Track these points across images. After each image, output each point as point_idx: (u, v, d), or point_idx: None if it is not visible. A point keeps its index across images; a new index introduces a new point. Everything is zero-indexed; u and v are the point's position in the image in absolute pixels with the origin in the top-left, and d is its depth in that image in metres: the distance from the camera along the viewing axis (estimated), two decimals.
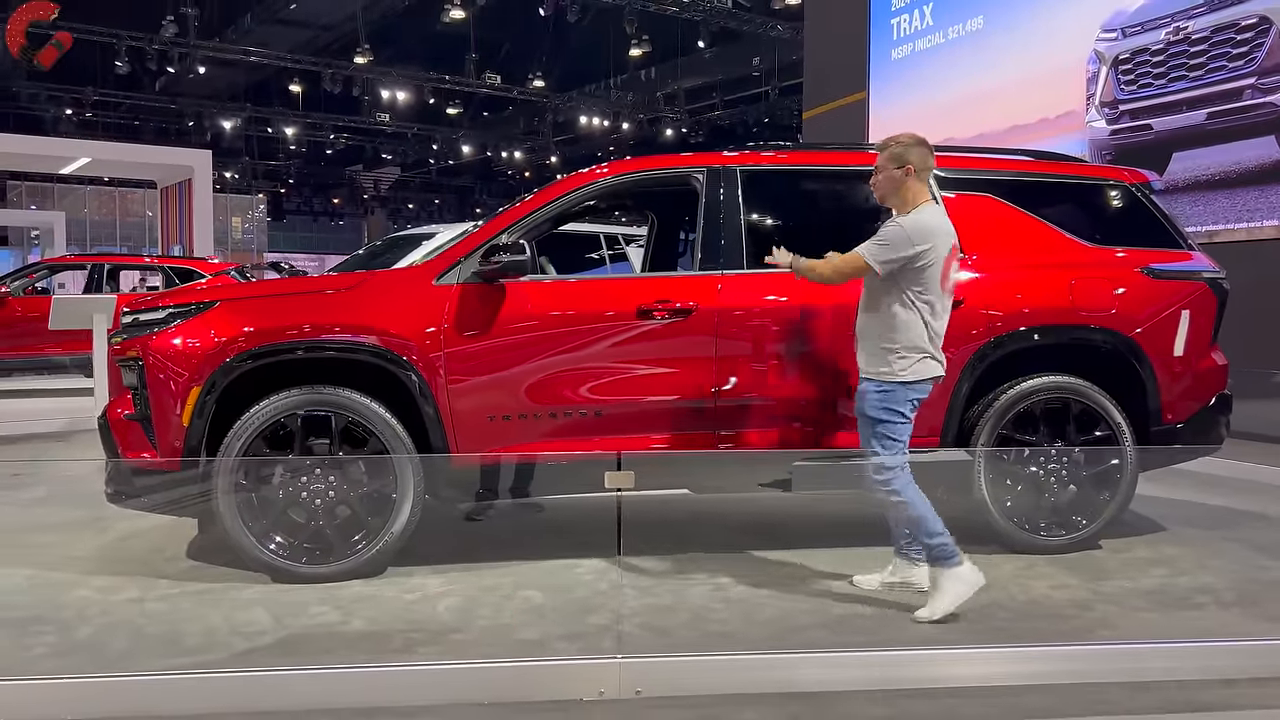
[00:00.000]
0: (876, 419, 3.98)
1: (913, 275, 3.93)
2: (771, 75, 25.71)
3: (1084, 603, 4.15)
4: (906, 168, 3.99)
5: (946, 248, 3.96)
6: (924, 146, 4.06)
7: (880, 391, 3.97)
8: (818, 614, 3.99)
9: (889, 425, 3.97)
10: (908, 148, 4.02)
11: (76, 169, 20.88)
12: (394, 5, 25.51)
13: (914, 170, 3.99)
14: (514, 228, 4.62)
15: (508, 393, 4.45)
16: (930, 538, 3.92)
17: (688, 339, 4.55)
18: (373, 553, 4.35)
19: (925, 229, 3.92)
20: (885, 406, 3.96)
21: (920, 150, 4.03)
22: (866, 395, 4.02)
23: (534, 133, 33.57)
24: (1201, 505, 5.91)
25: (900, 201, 4.04)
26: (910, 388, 3.96)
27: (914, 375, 3.95)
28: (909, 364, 3.94)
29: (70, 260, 14.98)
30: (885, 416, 3.97)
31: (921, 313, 3.94)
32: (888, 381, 3.96)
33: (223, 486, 4.26)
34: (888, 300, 3.97)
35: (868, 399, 4.01)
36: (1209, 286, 5.00)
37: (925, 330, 3.95)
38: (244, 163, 35.89)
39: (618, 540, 3.77)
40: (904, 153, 4.00)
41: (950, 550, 3.90)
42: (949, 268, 4.00)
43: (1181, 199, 9.25)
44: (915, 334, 3.95)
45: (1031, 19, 10.75)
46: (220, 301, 4.48)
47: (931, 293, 3.95)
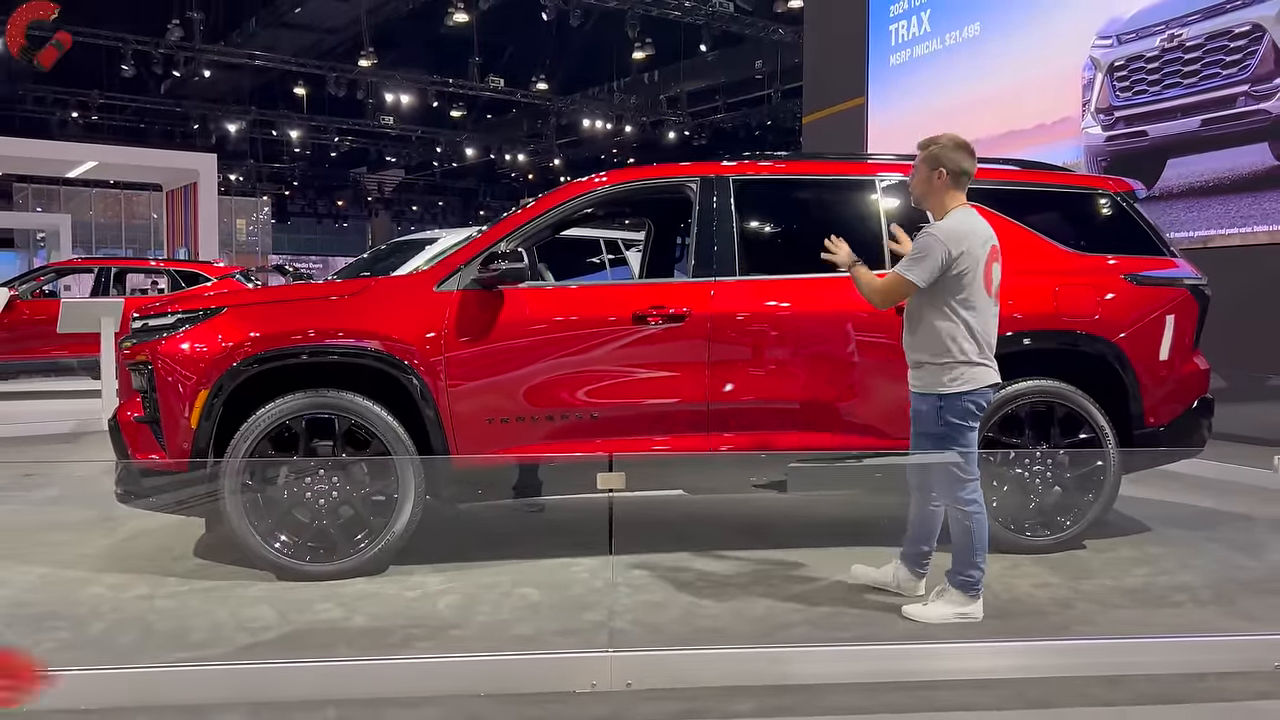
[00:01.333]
0: (940, 434, 3.94)
1: (952, 284, 3.86)
2: (774, 78, 25.82)
3: (1065, 601, 4.27)
4: (939, 171, 3.93)
5: (985, 250, 3.91)
6: (964, 150, 3.95)
7: (938, 409, 3.92)
8: (805, 611, 4.11)
9: (955, 439, 3.92)
10: (945, 149, 3.93)
11: (82, 172, 21.06)
12: (398, 9, 25.66)
13: (947, 175, 3.93)
14: (512, 236, 4.75)
15: (506, 396, 4.58)
16: (972, 567, 3.93)
17: (682, 344, 4.68)
18: (375, 551, 4.48)
19: (957, 234, 3.86)
20: (946, 420, 3.91)
21: (959, 154, 3.93)
22: (923, 415, 3.98)
23: (537, 135, 33.71)
24: (1189, 506, 6.03)
25: (936, 204, 3.99)
26: (964, 398, 3.89)
27: (968, 385, 3.89)
28: (961, 375, 3.89)
29: (77, 263, 15.15)
30: (948, 431, 3.92)
31: (966, 321, 3.88)
32: (944, 395, 3.91)
33: (229, 487, 4.40)
34: (930, 315, 3.92)
35: (924, 418, 3.98)
36: (1191, 293, 5.11)
37: (973, 339, 3.89)
38: (249, 165, 36.09)
39: (609, 539, 3.89)
40: (940, 154, 3.93)
41: (979, 583, 3.95)
42: (990, 270, 3.95)
43: (1176, 205, 9.36)
44: (962, 345, 3.88)
45: (1028, 25, 10.86)
46: (227, 307, 4.61)
47: (976, 299, 3.89)
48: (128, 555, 4.94)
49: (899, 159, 5.14)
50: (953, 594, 3.96)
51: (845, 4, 12.93)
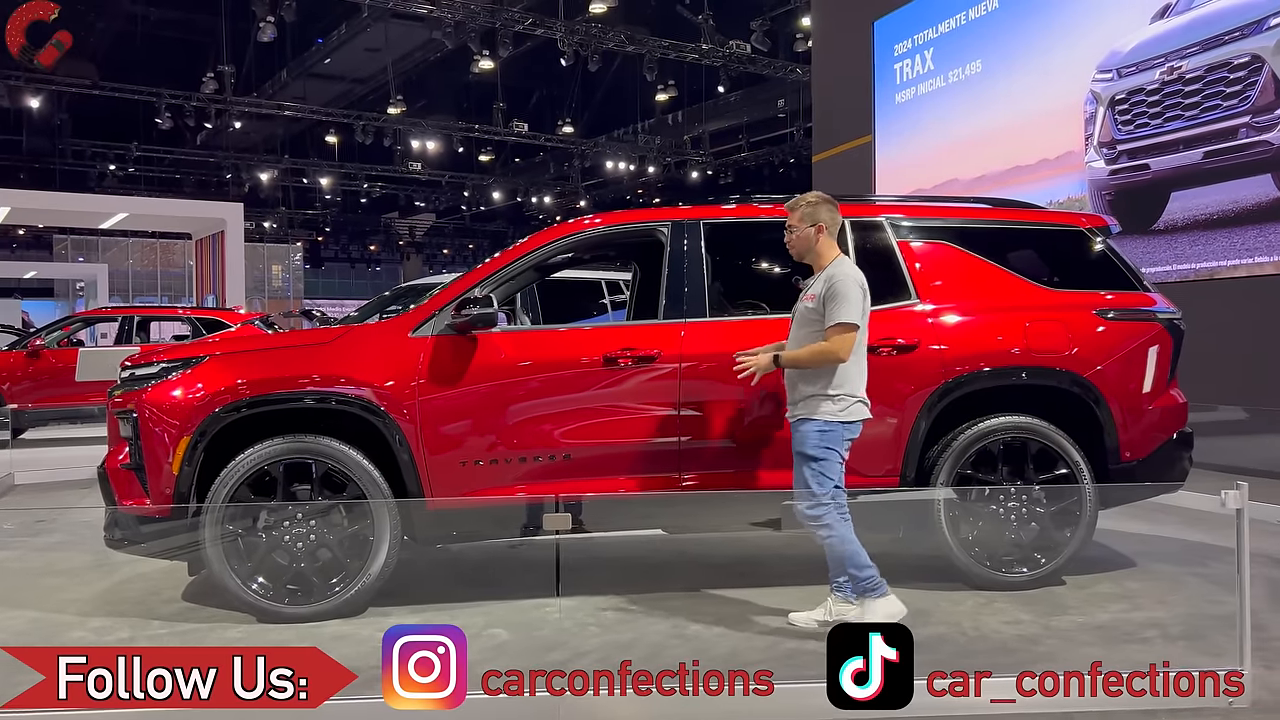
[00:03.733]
0: (815, 457, 4.20)
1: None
2: (795, 116, 26.05)
3: (1033, 638, 4.26)
4: (818, 226, 4.30)
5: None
6: (831, 204, 4.36)
7: (821, 431, 4.19)
8: (769, 650, 4.14)
9: (826, 464, 4.20)
10: (816, 206, 4.32)
11: (114, 224, 21.62)
12: (425, 57, 26.27)
13: (825, 228, 4.30)
14: (486, 282, 4.86)
15: (480, 439, 4.68)
16: (859, 570, 4.19)
17: (652, 384, 4.75)
18: (351, 594, 4.57)
19: (859, 275, 4.25)
20: (825, 445, 4.19)
21: (828, 208, 4.34)
22: (806, 434, 4.23)
23: (564, 178, 34.17)
24: (1178, 540, 5.98)
25: (816, 256, 4.35)
26: (848, 427, 4.23)
27: (851, 416, 4.23)
28: (846, 406, 4.21)
29: (101, 313, 15.53)
30: (822, 455, 4.20)
31: (859, 359, 4.22)
32: (828, 421, 4.18)
33: (209, 532, 4.52)
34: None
35: (807, 438, 4.22)
36: (1164, 327, 5.12)
37: (859, 376, 4.25)
38: (281, 213, 36.82)
39: (556, 582, 3.96)
40: (814, 211, 4.31)
41: (877, 581, 4.21)
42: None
43: (1181, 238, 9.33)
44: (853, 379, 4.22)
45: (1028, 61, 10.93)
46: (209, 356, 4.76)
47: (864, 338, 4.24)
48: (118, 599, 5.06)
49: (863, 201, 5.25)
50: (866, 604, 4.20)
51: (851, 44, 13.07)
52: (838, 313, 4.16)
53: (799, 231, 4.33)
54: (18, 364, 11.83)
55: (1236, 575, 3.61)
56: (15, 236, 36.09)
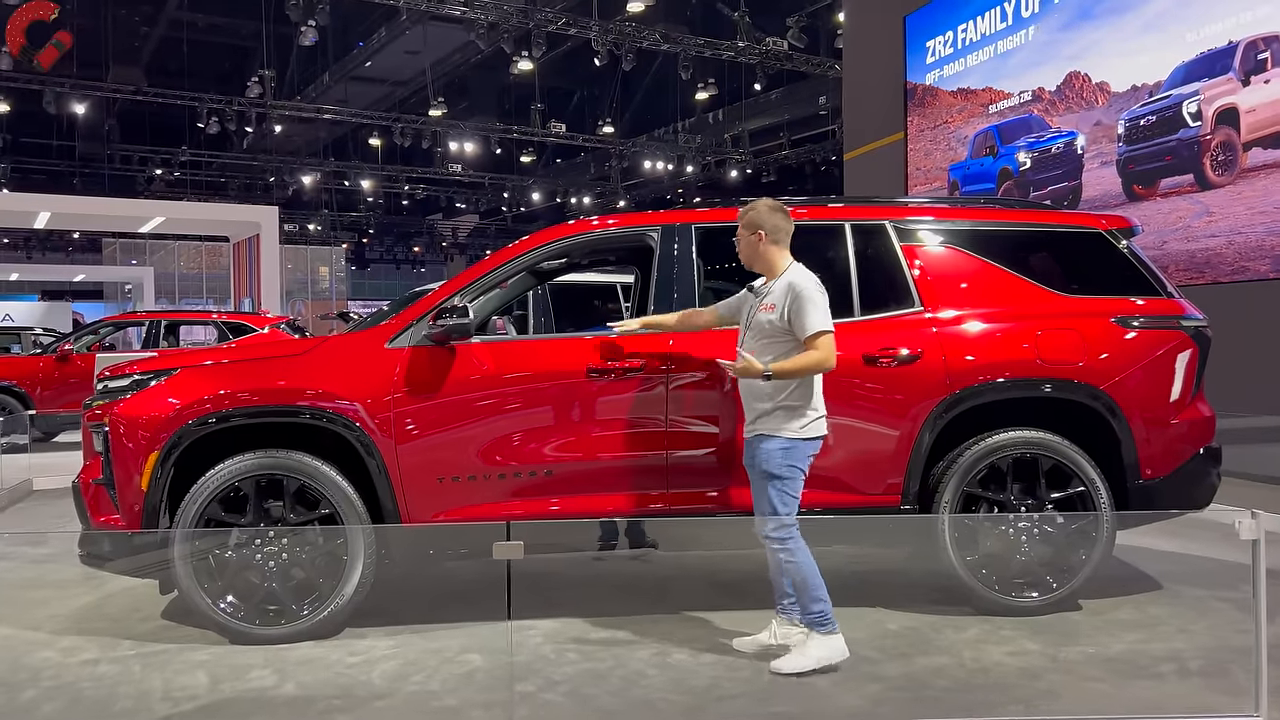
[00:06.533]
0: (778, 475, 3.96)
1: None
2: (837, 114, 25.57)
3: (1036, 671, 3.97)
4: (758, 234, 4.07)
5: None
6: (778, 211, 4.12)
7: (784, 448, 3.96)
8: (750, 682, 3.90)
9: (791, 482, 3.98)
10: (759, 213, 4.09)
11: (153, 227, 21.83)
12: (464, 59, 26.24)
13: (766, 235, 4.06)
14: (466, 290, 4.68)
15: (457, 454, 4.48)
16: (813, 601, 3.94)
17: (638, 395, 4.53)
18: (324, 615, 4.40)
19: (817, 279, 4.03)
20: (788, 464, 3.96)
21: (772, 214, 4.10)
22: (770, 452, 3.98)
23: (604, 178, 34.03)
24: (1210, 559, 5.63)
25: (766, 265, 4.12)
26: (810, 444, 4.00)
27: (813, 433, 4.00)
28: (809, 421, 3.99)
29: (130, 317, 15.62)
30: (787, 473, 3.96)
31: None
32: (791, 438, 3.95)
33: (178, 550, 4.38)
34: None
35: (771, 455, 3.97)
36: (1189, 335, 4.78)
37: (819, 391, 4.04)
38: (325, 215, 37.11)
39: (508, 607, 3.75)
40: (755, 218, 4.08)
41: (828, 617, 3.95)
42: None
43: None
44: (815, 394, 4.01)
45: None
46: (180, 369, 4.62)
47: None
48: (96, 616, 4.95)
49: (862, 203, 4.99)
50: (809, 636, 3.95)
51: (882, 39, 12.71)
52: (813, 321, 3.92)
53: (744, 239, 4.13)
54: (48, 369, 11.90)
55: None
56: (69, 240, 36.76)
